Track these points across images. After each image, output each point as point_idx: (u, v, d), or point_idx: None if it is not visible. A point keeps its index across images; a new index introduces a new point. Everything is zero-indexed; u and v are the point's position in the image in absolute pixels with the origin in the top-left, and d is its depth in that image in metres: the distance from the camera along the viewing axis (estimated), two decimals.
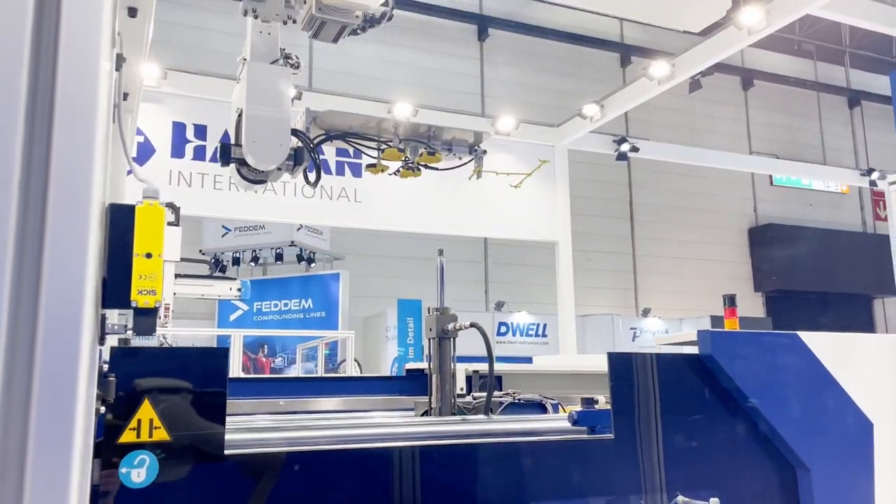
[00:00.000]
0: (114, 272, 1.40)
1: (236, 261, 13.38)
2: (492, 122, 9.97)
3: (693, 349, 2.40)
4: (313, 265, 13.95)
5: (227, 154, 2.54)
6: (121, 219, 1.42)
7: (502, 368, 4.00)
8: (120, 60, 1.64)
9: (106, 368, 1.62)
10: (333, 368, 10.49)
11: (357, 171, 9.17)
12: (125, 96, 2.62)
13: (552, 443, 2.23)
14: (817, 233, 19.64)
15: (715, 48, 8.54)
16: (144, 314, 1.44)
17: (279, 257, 13.44)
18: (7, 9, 0.72)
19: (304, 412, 3.56)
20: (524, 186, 9.95)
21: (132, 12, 2.10)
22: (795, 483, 2.34)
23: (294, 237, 12.94)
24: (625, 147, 10.85)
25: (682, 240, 18.47)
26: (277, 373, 12.42)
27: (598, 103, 9.92)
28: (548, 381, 4.04)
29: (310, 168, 2.87)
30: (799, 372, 2.41)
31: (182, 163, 8.46)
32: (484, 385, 3.51)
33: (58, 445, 0.63)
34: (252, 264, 13.66)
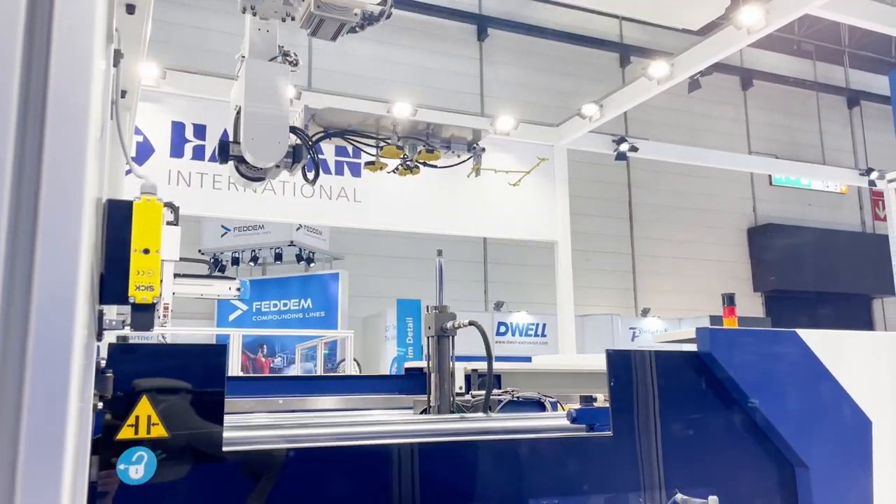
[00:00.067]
0: (111, 268, 1.39)
1: (235, 261, 13.38)
2: (491, 122, 9.97)
3: (692, 347, 2.40)
4: (312, 265, 13.94)
5: (226, 151, 2.54)
6: (118, 215, 1.42)
7: (501, 367, 3.99)
8: (118, 56, 1.64)
9: (104, 365, 1.62)
10: (333, 368, 10.48)
11: (356, 171, 9.17)
12: (123, 94, 2.61)
13: (551, 440, 2.23)
14: (816, 233, 19.64)
15: (714, 48, 8.54)
16: (142, 310, 1.43)
17: (278, 257, 13.43)
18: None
19: (303, 411, 3.55)
20: (523, 186, 9.94)
21: (130, 9, 2.10)
22: (794, 480, 2.34)
23: (293, 237, 12.94)
24: (624, 147, 10.85)
25: (682, 240, 18.48)
26: (276, 373, 12.40)
27: (598, 103, 9.92)
28: (547, 380, 4.04)
29: (309, 167, 2.87)
30: (797, 369, 2.41)
31: (181, 162, 8.46)
32: (483, 384, 3.51)
33: (50, 443, 0.62)
34: (251, 264, 13.66)
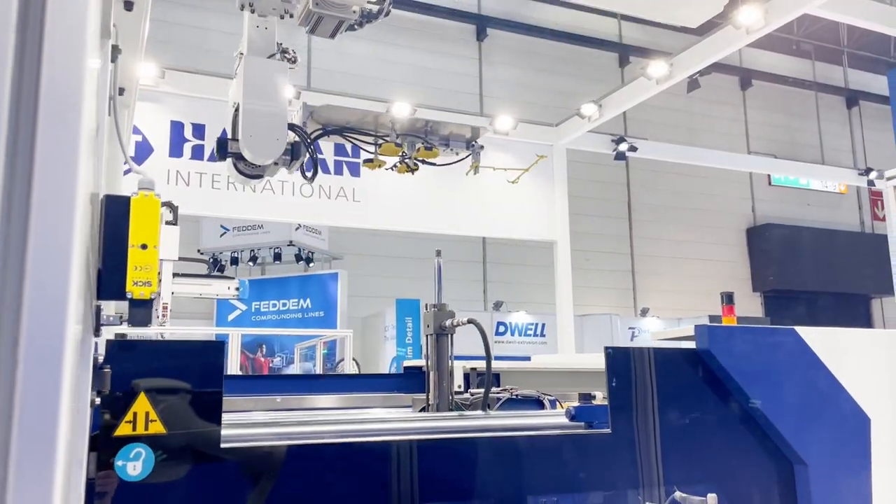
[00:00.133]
0: (109, 263, 1.39)
1: (234, 260, 13.37)
2: (490, 122, 9.97)
3: (690, 344, 2.40)
4: (312, 265, 13.94)
5: (224, 148, 2.54)
6: (116, 210, 1.42)
7: (500, 366, 3.99)
8: (116, 52, 1.64)
9: (102, 361, 1.62)
10: (332, 368, 10.47)
11: (355, 171, 9.17)
12: (121, 91, 2.61)
13: (549, 437, 2.23)
14: (815, 233, 19.64)
15: (713, 47, 8.55)
16: (140, 305, 1.43)
17: (277, 257, 13.43)
18: None
19: (301, 409, 3.55)
20: (522, 186, 9.94)
21: (128, 6, 2.10)
22: (793, 478, 2.33)
23: (292, 237, 12.93)
24: (623, 146, 10.84)
25: (681, 240, 18.48)
26: (275, 373, 12.39)
27: (597, 103, 9.92)
28: (546, 379, 4.03)
29: (308, 166, 2.87)
30: (796, 367, 2.40)
31: (180, 162, 8.46)
32: (482, 382, 3.51)
33: (42, 440, 0.61)
34: (250, 264, 13.65)
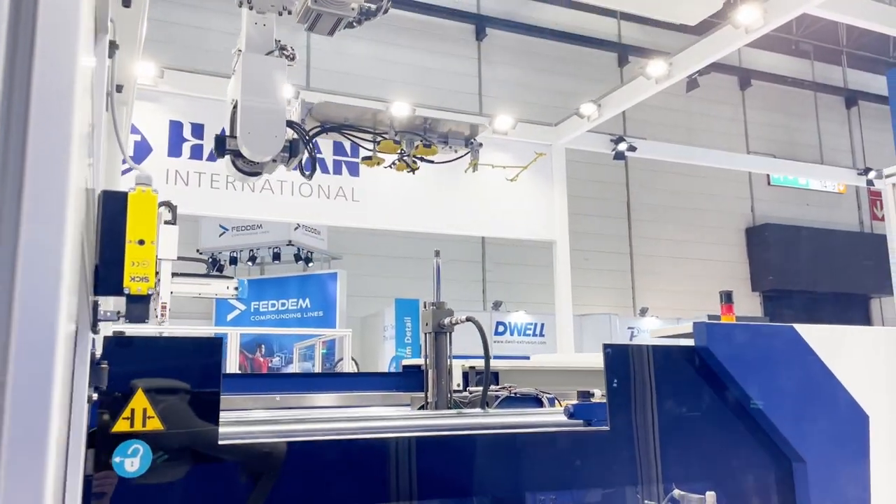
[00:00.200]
0: (106, 259, 1.39)
1: (233, 260, 13.36)
2: (489, 121, 9.97)
3: (689, 342, 2.40)
4: (311, 265, 13.93)
5: (222, 145, 2.53)
6: (113, 206, 1.41)
7: (499, 365, 3.98)
8: (113, 48, 1.64)
9: (99, 356, 1.62)
10: (331, 368, 10.47)
11: (354, 170, 9.17)
12: (119, 88, 2.61)
13: (548, 435, 2.23)
14: (814, 232, 19.65)
15: (712, 47, 8.55)
16: (137, 301, 1.43)
17: (276, 257, 13.42)
18: None
19: (300, 408, 3.54)
20: (522, 186, 9.94)
21: (126, 2, 2.10)
22: (791, 475, 2.33)
23: (292, 237, 12.92)
24: (622, 146, 10.84)
25: (680, 239, 18.48)
26: (274, 372, 12.39)
27: (596, 102, 9.92)
28: (544, 378, 4.03)
29: (307, 166, 2.86)
30: (795, 364, 2.40)
31: (179, 162, 8.46)
32: (480, 381, 3.50)
33: (31, 438, 0.60)
34: (249, 264, 13.64)
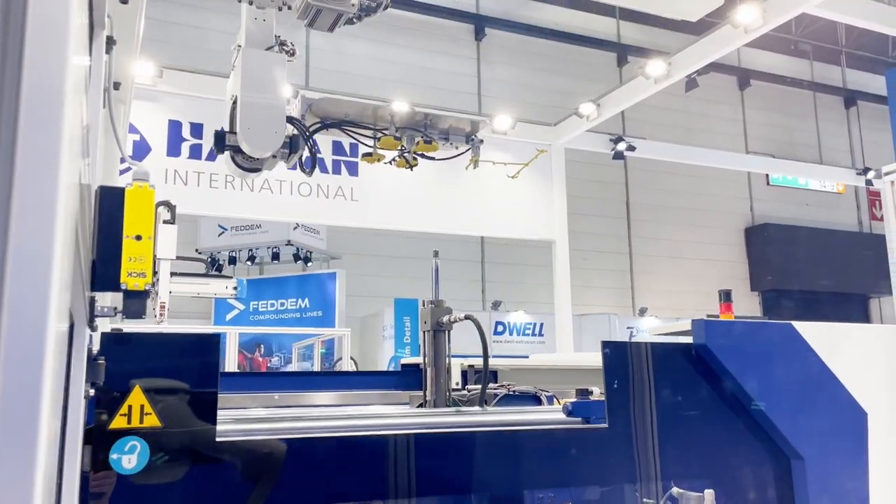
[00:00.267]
0: (103, 255, 1.38)
1: (233, 260, 13.35)
2: (489, 120, 9.96)
3: (687, 339, 2.40)
4: (310, 264, 13.92)
5: (222, 142, 2.51)
6: (110, 201, 1.41)
7: (498, 363, 3.98)
8: (110, 43, 1.63)
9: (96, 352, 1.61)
10: (330, 367, 10.47)
11: (353, 170, 9.16)
12: (117, 86, 2.60)
13: (546, 432, 2.23)
14: (813, 232, 19.66)
15: (711, 47, 8.55)
16: (134, 296, 1.42)
17: (276, 256, 13.41)
18: None
19: (298, 406, 3.54)
20: (521, 186, 9.94)
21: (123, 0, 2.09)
22: (790, 472, 2.33)
23: (291, 236, 12.92)
24: (621, 146, 10.84)
25: (679, 239, 18.48)
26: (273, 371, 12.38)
27: (595, 102, 9.92)
28: (543, 377, 4.03)
29: (307, 163, 2.85)
30: (793, 361, 2.40)
31: (178, 161, 8.45)
32: (479, 380, 3.50)
33: (21, 437, 0.60)
34: (248, 263, 13.63)
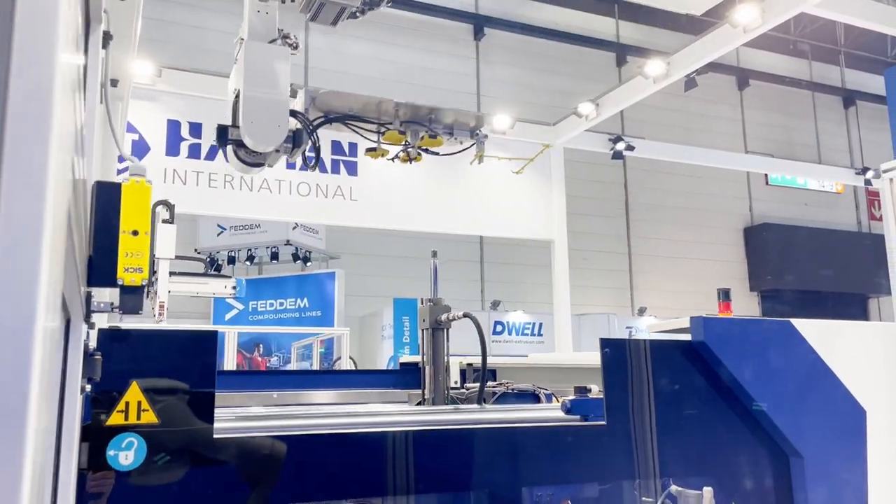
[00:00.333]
0: (99, 250, 1.38)
1: (231, 260, 13.35)
2: (488, 121, 9.95)
3: (686, 336, 2.40)
4: (309, 264, 13.92)
5: (224, 135, 2.48)
6: (107, 196, 1.40)
7: (497, 362, 3.98)
8: (107, 38, 1.63)
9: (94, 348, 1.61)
10: (329, 367, 10.46)
11: (352, 169, 9.16)
12: (114, 83, 2.59)
13: (544, 430, 2.22)
14: (812, 232, 19.66)
15: (710, 47, 8.54)
16: (131, 292, 1.42)
17: (275, 256, 13.41)
18: None
19: (297, 405, 3.54)
20: (520, 185, 9.94)
21: None
22: (788, 470, 2.33)
23: (290, 236, 12.91)
24: (620, 146, 10.84)
25: (678, 239, 18.48)
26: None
27: (594, 102, 9.92)
28: (542, 375, 4.03)
29: (310, 160, 2.84)
30: (792, 359, 2.40)
31: (177, 161, 8.44)
32: (478, 378, 3.50)
33: (7, 431, 0.59)
34: (247, 263, 13.63)
